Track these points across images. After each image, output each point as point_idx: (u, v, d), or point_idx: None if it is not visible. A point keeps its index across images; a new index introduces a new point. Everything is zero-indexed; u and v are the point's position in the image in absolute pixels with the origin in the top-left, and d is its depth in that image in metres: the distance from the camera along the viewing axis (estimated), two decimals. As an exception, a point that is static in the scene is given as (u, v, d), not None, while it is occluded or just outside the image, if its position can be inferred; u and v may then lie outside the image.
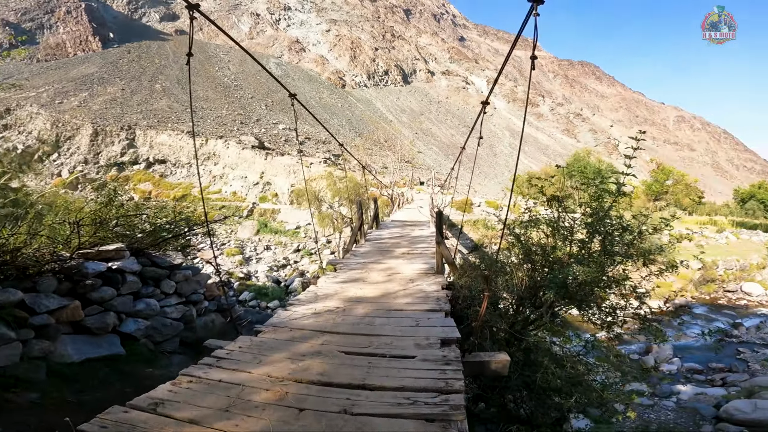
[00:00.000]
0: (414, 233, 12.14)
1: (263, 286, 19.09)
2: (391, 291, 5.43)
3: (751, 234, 33.26)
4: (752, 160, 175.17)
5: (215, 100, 67.79)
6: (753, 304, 22.82)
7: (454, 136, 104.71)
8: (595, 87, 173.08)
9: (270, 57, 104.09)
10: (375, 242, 10.29)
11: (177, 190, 38.98)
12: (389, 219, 17.97)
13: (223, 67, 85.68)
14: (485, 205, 32.69)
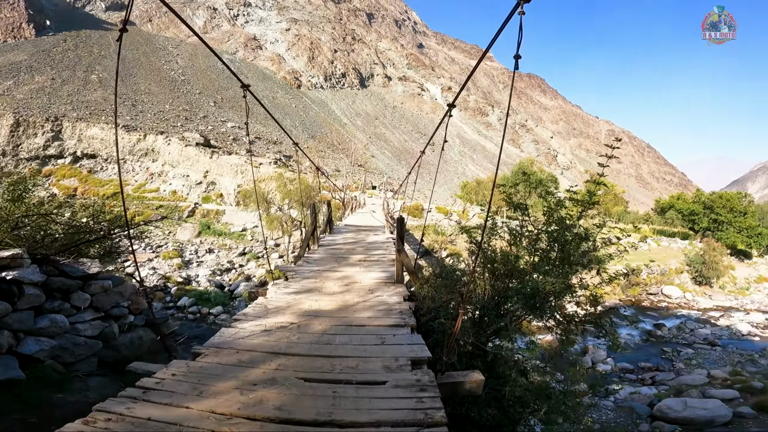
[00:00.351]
0: (369, 239, 11.76)
1: (205, 291, 17.84)
2: (350, 303, 5.02)
3: (669, 241, 36.86)
4: (671, 173, 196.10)
5: (158, 94, 63.40)
6: (672, 306, 25.14)
7: (407, 142, 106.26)
8: (539, 99, 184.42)
9: (223, 53, 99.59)
10: (329, 248, 9.75)
11: (107, 188, 35.57)
12: (342, 223, 17.35)
13: (171, 60, 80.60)
14: (435, 211, 33.24)
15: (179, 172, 37.03)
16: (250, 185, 30.31)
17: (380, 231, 14.02)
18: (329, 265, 7.66)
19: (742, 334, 19.11)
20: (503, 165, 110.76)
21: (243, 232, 27.55)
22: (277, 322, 4.14)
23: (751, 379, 12.30)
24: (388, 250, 9.26)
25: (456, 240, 26.58)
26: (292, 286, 6.05)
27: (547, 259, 4.67)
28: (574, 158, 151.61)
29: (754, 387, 11.44)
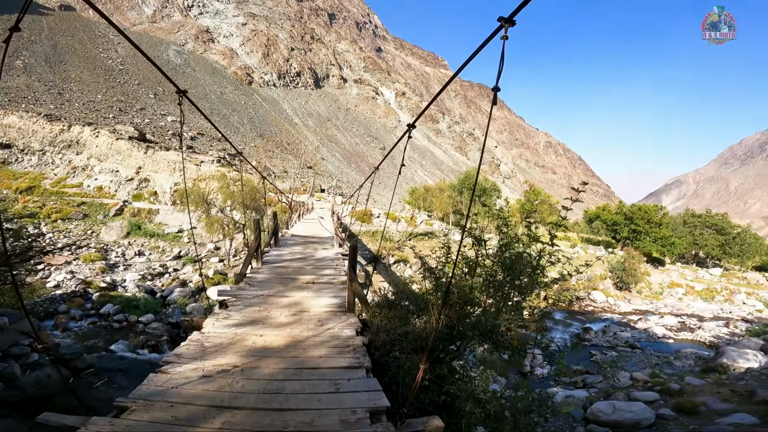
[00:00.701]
0: (318, 254, 11.22)
1: (133, 297, 16.33)
2: (300, 337, 4.63)
3: (595, 249, 40.13)
4: (597, 185, 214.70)
5: (90, 83, 57.95)
6: (598, 310, 27.23)
7: (358, 145, 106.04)
8: (487, 109, 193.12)
9: (171, 44, 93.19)
10: (275, 266, 9.08)
11: (22, 181, 31.46)
12: (289, 233, 16.36)
13: (110, 48, 74.34)
14: (384, 217, 33.35)
15: (107, 167, 33.75)
16: (187, 184, 28.36)
17: (329, 243, 13.43)
18: (275, 289, 7.04)
19: (658, 336, 21.12)
20: (450, 172, 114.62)
21: (179, 233, 25.66)
22: (217, 364, 3.66)
23: (668, 381, 13.56)
24: (338, 270, 8.79)
25: (403, 246, 26.83)
26: (233, 317, 5.39)
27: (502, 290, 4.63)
28: (515, 167, 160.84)
29: (672, 389, 12.61)
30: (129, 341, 13.28)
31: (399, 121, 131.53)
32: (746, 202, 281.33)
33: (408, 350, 4.04)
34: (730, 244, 45.40)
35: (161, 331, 13.98)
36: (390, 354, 4.16)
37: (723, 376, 14.48)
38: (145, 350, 12.90)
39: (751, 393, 8.65)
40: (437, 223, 34.93)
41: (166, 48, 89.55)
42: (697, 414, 8.31)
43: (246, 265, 8.14)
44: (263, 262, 9.22)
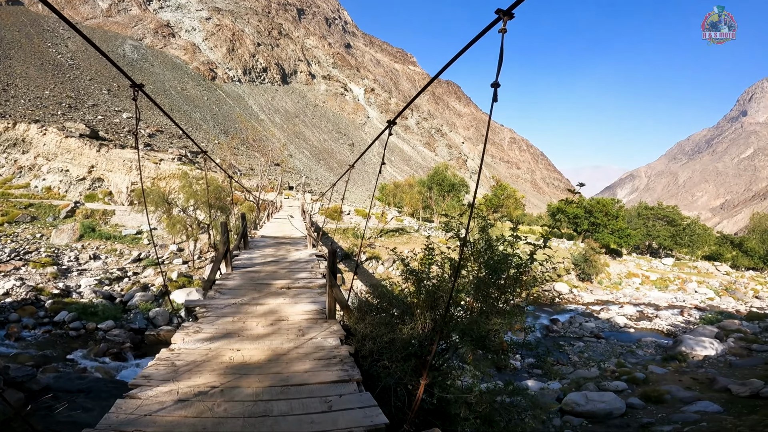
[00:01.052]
0: (291, 255, 10.73)
1: (89, 303, 15.30)
2: (281, 350, 4.28)
3: (558, 242, 41.71)
4: (558, 179, 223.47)
5: (37, 78, 54.03)
6: (564, 301, 28.24)
7: (327, 142, 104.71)
8: (455, 105, 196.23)
9: (127, 38, 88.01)
10: (246, 271, 8.58)
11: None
12: (259, 233, 15.61)
13: (59, 43, 69.64)
14: (354, 214, 33.07)
15: (56, 166, 31.40)
16: (146, 183, 26.87)
17: (301, 244, 12.87)
18: (249, 296, 6.54)
19: (620, 326, 22.17)
20: (418, 168, 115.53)
21: (138, 235, 24.26)
22: (193, 385, 3.31)
23: (634, 371, 14.21)
24: (313, 273, 8.40)
25: (375, 243, 26.69)
26: (205, 330, 4.86)
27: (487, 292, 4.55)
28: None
29: (638, 378, 13.22)
30: (88, 350, 12.50)
31: (368, 117, 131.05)
32: (694, 195, 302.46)
33: (398, 358, 3.87)
34: (681, 235, 48.39)
35: (123, 337, 13.16)
36: (378, 363, 3.97)
37: (683, 364, 15.26)
38: (107, 358, 12.16)
39: (711, 380, 9.12)
40: (407, 219, 35.06)
41: (122, 43, 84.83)
42: (663, 402, 8.63)
43: (214, 271, 7.56)
44: (233, 266, 8.66)
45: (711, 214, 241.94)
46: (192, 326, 5.03)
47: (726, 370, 10.50)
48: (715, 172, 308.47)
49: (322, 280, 7.51)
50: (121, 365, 11.70)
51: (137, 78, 72.24)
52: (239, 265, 9.06)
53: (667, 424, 6.65)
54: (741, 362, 11.29)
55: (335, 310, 5.58)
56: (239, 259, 9.69)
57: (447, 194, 36.80)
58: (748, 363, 11.02)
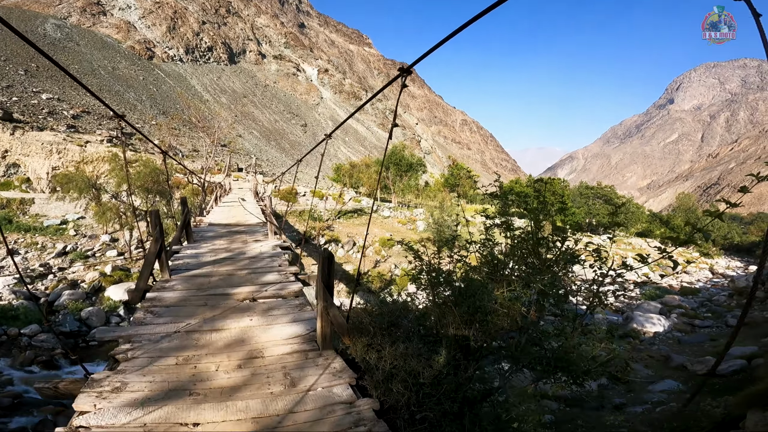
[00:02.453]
0: (250, 249, 8.52)
1: (8, 306, 13.39)
2: (268, 420, 2.74)
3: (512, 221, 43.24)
4: (506, 160, 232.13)
5: None
6: (516, 275, 29.28)
7: (278, 122, 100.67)
8: (409, 87, 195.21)
9: (50, 17, 78.07)
10: (192, 275, 6.45)
11: None
12: (206, 220, 12.89)
13: None
14: (310, 195, 31.97)
15: (-41, 148, 27.28)
16: (70, 167, 24.10)
17: (260, 233, 10.71)
18: (199, 316, 4.57)
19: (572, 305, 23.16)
20: (373, 148, 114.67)
21: (62, 225, 21.75)
22: None
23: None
24: (284, 273, 6.55)
25: (333, 225, 25.92)
26: (132, 386, 3.08)
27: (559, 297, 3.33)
28: (435, 144, 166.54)
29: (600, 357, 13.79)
30: (12, 358, 11.06)
31: (321, 98, 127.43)
32: (624, 176, 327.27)
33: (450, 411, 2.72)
34: (617, 213, 51.92)
35: (52, 343, 11.67)
36: (418, 416, 2.78)
37: (637, 341, 16.03)
38: (35, 367, 10.75)
39: (666, 358, 9.43)
40: (365, 200, 34.55)
41: (43, 22, 75.69)
42: (628, 382, 8.64)
43: (144, 279, 5.56)
44: (172, 269, 6.58)
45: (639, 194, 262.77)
46: (110, 379, 3.14)
47: (677, 347, 10.97)
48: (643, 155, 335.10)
49: (296, 285, 5.91)
50: (53, 374, 10.30)
51: (60, 58, 65.20)
52: (181, 266, 6.95)
53: (639, 405, 6.72)
54: (688, 339, 11.87)
55: (331, 336, 3.93)
56: (181, 257, 7.56)
57: (405, 174, 36.57)
58: (695, 339, 11.61)
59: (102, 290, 15.31)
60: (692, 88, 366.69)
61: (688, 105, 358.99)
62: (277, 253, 8.19)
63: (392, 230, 27.63)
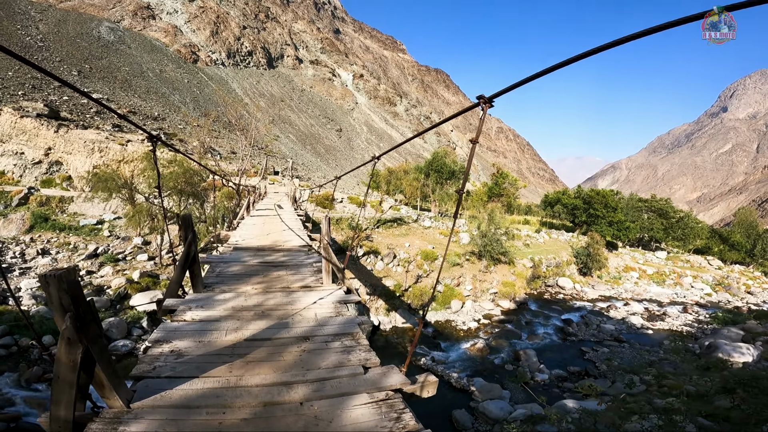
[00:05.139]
0: (299, 311, 4.95)
1: (23, 314, 12.16)
2: None
3: (558, 234, 39.98)
4: (543, 169, 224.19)
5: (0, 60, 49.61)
6: (568, 297, 26.35)
7: (313, 126, 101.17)
8: (443, 93, 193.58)
9: (104, 21, 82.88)
10: (182, 397, 3.02)
11: None
12: (233, 239, 9.74)
13: (29, 25, 66.01)
14: (348, 201, 30.45)
15: (10, 148, 27.79)
16: (111, 166, 23.66)
17: (307, 267, 7.33)
18: None
19: (637, 327, 20.36)
20: (408, 155, 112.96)
21: (98, 226, 21.18)
22: None
23: (681, 384, 12.23)
24: (390, 408, 3.02)
25: (372, 235, 24.17)
26: None
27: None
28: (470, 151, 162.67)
29: (690, 392, 11.24)
30: (18, 374, 10.05)
31: (356, 103, 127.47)
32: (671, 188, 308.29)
33: None
34: (674, 228, 47.30)
35: (61, 359, 10.45)
36: None
37: (725, 373, 13.37)
38: (41, 385, 9.69)
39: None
40: (404, 208, 32.64)
41: (98, 25, 79.96)
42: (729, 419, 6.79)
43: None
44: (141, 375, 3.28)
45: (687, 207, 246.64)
46: None
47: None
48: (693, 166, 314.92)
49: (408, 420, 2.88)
50: None
51: (113, 60, 68.10)
52: (166, 362, 3.50)
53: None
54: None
55: None
56: (172, 334, 4.04)
57: (446, 181, 34.41)
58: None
59: (127, 298, 14.21)
60: (747, 96, 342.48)
61: (743, 113, 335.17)
62: (347, 326, 4.50)
63: (434, 242, 25.56)
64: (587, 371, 14.29)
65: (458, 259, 23.46)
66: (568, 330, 19.23)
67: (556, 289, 28.19)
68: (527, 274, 26.54)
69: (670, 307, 26.07)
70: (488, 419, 10.70)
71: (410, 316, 18.57)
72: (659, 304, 26.69)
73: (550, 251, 32.36)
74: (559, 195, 47.31)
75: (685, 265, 39.26)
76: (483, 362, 14.93)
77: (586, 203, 41.70)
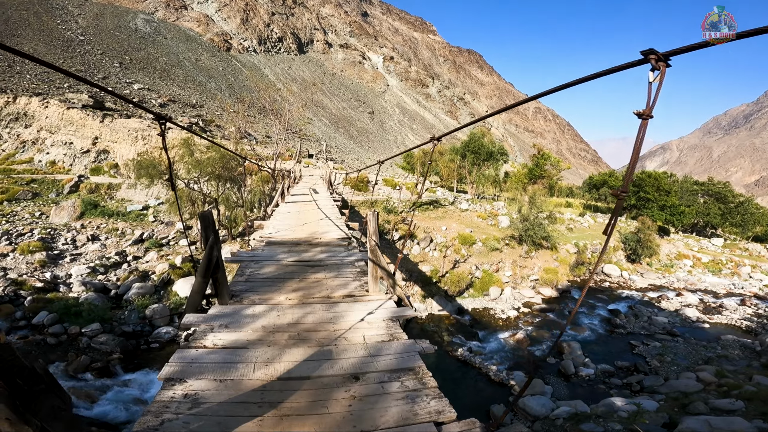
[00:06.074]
0: (344, 330, 4.11)
1: (73, 302, 12.71)
2: None
3: (604, 218, 37.76)
4: (585, 150, 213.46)
5: (45, 54, 53.25)
6: (614, 286, 24.81)
7: (345, 110, 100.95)
8: (476, 74, 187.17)
9: (139, 13, 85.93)
10: None
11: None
12: (266, 231, 8.98)
13: (69, 20, 69.16)
14: (383, 184, 30.00)
15: (60, 139, 29.30)
16: (153, 154, 24.39)
17: (348, 266, 6.48)
18: None
19: (692, 320, 18.87)
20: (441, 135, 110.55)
21: (143, 211, 21.97)
22: None
23: (741, 383, 11.17)
24: None
25: (409, 218, 23.67)
26: None
27: None
28: (506, 132, 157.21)
29: (751, 392, 10.20)
30: (67, 363, 10.13)
31: (387, 85, 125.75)
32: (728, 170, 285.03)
33: None
34: (732, 213, 43.55)
35: (111, 346, 10.76)
36: None
37: None
38: (89, 374, 9.75)
39: None
40: (440, 191, 31.77)
41: (134, 17, 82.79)
42: None
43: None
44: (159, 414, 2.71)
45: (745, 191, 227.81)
46: None
47: None
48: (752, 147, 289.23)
49: None
50: (105, 383, 9.29)
51: (151, 51, 70.32)
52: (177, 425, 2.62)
53: None
54: None
55: None
56: (189, 369, 3.26)
57: (483, 163, 33.07)
58: None
59: (170, 284, 14.58)
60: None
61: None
62: (405, 358, 3.54)
63: (471, 225, 24.72)
64: (637, 367, 13.33)
65: (497, 243, 22.54)
66: (615, 321, 18.09)
67: (602, 276, 26.70)
68: (571, 261, 25.21)
69: (726, 299, 24.02)
70: (528, 415, 10.14)
71: (447, 303, 18.08)
72: (715, 295, 24.67)
73: (596, 236, 30.60)
74: (605, 177, 44.64)
75: (743, 254, 36.10)
76: (523, 354, 14.26)
77: (635, 186, 39.10)
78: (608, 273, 26.84)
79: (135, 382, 9.23)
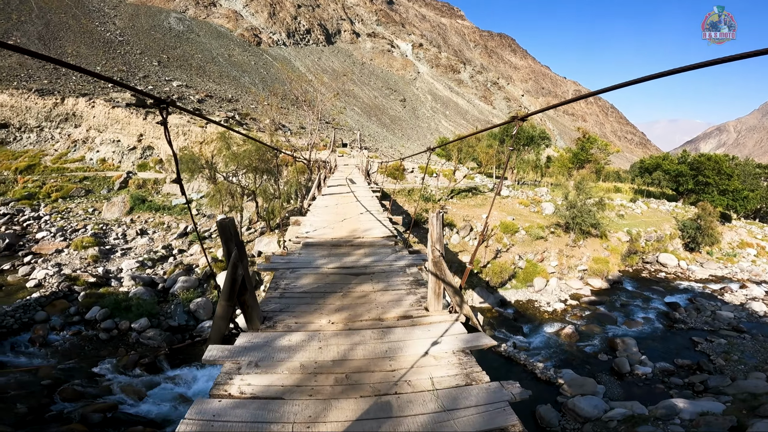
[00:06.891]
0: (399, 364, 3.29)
1: (123, 297, 13.02)
2: None
3: (657, 203, 35.18)
4: (632, 133, 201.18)
5: (88, 56, 55.71)
6: (671, 276, 22.95)
7: (377, 98, 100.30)
8: (510, 58, 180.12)
9: (171, 12, 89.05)
10: None
11: (21, 160, 29.00)
12: (303, 229, 8.31)
13: (107, 21, 72.29)
14: (418, 171, 29.36)
15: (108, 137, 30.78)
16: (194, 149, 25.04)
17: (396, 270, 5.80)
18: None
19: (760, 315, 17.15)
20: (476, 121, 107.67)
21: (187, 205, 22.65)
22: None
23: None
24: None
25: (447, 206, 22.97)
26: None
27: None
28: (544, 116, 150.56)
29: None
30: (117, 360, 10.35)
31: (418, 72, 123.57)
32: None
33: None
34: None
35: (158, 340, 11.02)
36: None
37: None
38: (138, 370, 9.96)
39: None
40: (479, 177, 30.70)
41: (166, 16, 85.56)
42: None
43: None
44: None
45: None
46: None
47: None
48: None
49: None
50: (153, 380, 9.50)
51: (185, 49, 72.47)
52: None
53: None
54: None
55: None
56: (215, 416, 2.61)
57: (524, 148, 31.57)
58: None
59: (213, 277, 14.82)
60: None
61: None
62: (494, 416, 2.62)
63: (513, 213, 23.67)
64: (700, 365, 12.19)
65: (541, 231, 21.43)
66: (674, 315, 16.72)
67: (656, 266, 24.82)
68: (622, 249, 23.60)
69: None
70: (578, 417, 9.40)
71: (488, 295, 17.39)
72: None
73: (650, 223, 28.45)
74: (658, 160, 41.48)
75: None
76: (572, 350, 13.38)
77: (693, 169, 36.07)
78: (664, 263, 24.95)
79: (180, 378, 9.40)
